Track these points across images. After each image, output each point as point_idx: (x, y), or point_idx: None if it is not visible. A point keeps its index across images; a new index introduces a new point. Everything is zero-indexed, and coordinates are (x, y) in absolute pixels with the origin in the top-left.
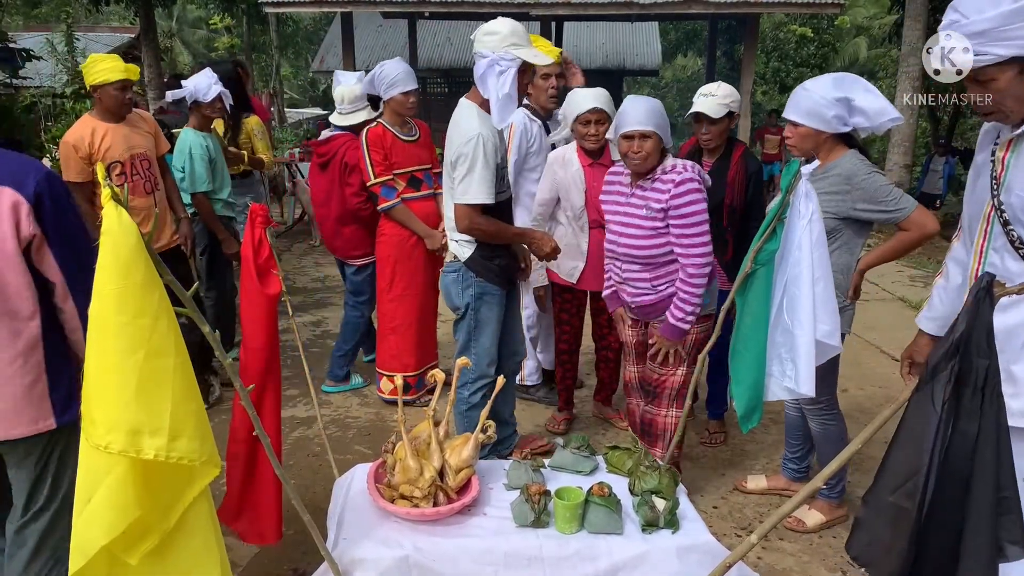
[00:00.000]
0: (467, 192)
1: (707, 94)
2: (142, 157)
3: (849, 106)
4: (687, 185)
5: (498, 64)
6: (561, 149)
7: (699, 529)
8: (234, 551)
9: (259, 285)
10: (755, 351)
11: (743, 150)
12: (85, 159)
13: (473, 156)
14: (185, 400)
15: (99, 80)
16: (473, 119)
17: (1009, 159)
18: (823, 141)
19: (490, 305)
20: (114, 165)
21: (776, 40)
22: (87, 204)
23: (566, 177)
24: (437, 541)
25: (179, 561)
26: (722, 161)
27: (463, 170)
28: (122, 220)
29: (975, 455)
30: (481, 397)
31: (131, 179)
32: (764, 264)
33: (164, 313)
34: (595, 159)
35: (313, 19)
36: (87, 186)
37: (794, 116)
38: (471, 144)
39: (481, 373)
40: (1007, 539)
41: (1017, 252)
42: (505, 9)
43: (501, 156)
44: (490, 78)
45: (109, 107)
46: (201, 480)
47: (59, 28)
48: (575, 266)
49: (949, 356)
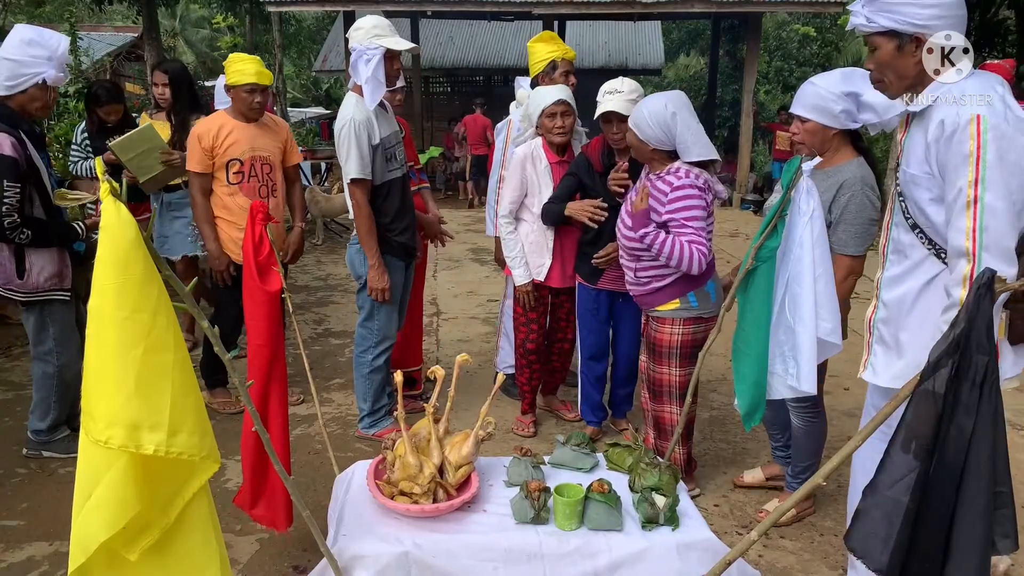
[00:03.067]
0: (348, 172)
1: (613, 91)
2: (263, 161)
3: (858, 101)
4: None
5: (364, 54)
6: (527, 146)
7: (699, 526)
8: (234, 548)
9: (260, 282)
10: (757, 349)
11: None
12: (207, 151)
13: (347, 138)
14: (184, 395)
15: (231, 81)
16: (348, 106)
17: (904, 140)
18: (830, 138)
19: (391, 274)
20: (233, 163)
21: (779, 39)
22: (200, 195)
23: (535, 174)
24: (437, 537)
25: (179, 557)
26: (636, 162)
27: (344, 152)
28: (121, 215)
29: (970, 449)
30: (384, 361)
31: (247, 180)
32: (765, 261)
33: (163, 308)
34: (561, 156)
35: (316, 19)
36: (206, 177)
37: (801, 111)
38: (345, 128)
39: (384, 336)
40: (999, 533)
41: (907, 222)
42: (506, 8)
43: (381, 137)
44: (360, 66)
45: (239, 108)
46: (201, 476)
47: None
48: (543, 263)
49: (950, 352)
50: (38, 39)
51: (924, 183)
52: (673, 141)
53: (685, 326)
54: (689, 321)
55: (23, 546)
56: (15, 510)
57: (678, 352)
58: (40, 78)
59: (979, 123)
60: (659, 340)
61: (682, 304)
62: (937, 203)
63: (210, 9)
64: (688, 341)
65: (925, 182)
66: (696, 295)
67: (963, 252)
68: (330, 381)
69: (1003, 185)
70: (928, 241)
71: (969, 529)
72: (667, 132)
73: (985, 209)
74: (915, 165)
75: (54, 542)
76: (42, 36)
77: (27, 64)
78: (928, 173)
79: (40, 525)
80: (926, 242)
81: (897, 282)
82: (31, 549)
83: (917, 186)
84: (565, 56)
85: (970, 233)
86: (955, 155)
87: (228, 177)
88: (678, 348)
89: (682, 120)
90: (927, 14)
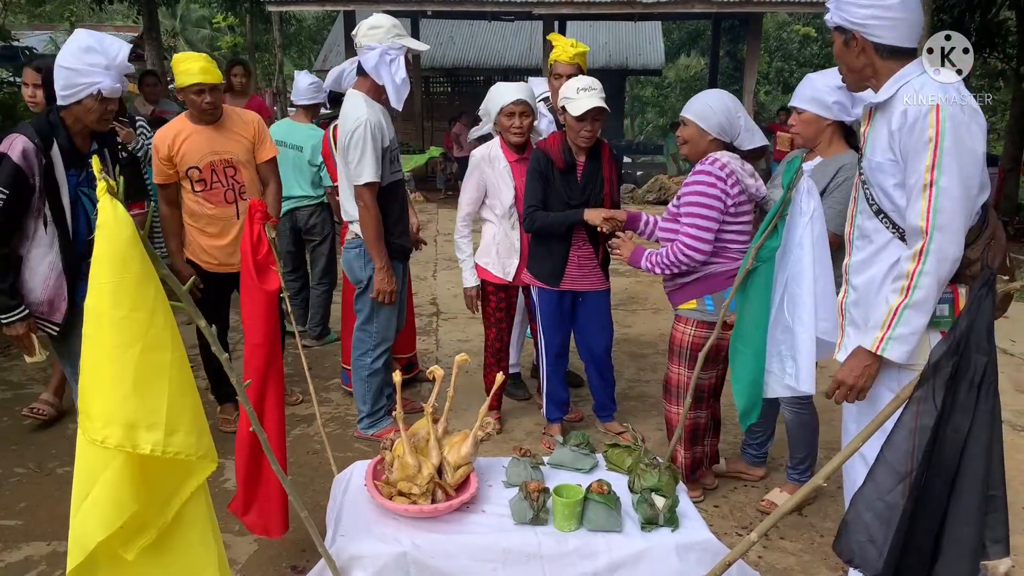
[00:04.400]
0: (361, 174)
1: (587, 88)
2: (226, 163)
3: (851, 95)
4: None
5: (388, 54)
6: (485, 147)
7: (699, 527)
8: (233, 548)
9: (258, 281)
10: (755, 348)
11: (608, 146)
12: (166, 161)
13: (363, 140)
14: (182, 395)
15: (178, 83)
16: (361, 107)
17: (868, 131)
18: (824, 128)
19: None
20: (192, 171)
21: (779, 40)
22: (165, 206)
23: (494, 175)
24: (435, 538)
25: (177, 556)
26: (593, 161)
27: (356, 154)
28: (118, 213)
29: (964, 450)
30: (383, 363)
31: (210, 186)
32: (765, 261)
33: (161, 307)
34: (520, 154)
35: (316, 18)
36: (169, 188)
37: (797, 102)
38: (360, 129)
39: (383, 338)
40: (991, 537)
41: (871, 208)
42: (507, 8)
43: (389, 140)
44: (382, 67)
45: (191, 111)
46: (198, 475)
47: (63, 27)
48: (511, 263)
49: (951, 353)
50: (96, 46)
51: (889, 169)
52: (739, 130)
53: (699, 328)
54: (703, 324)
55: (21, 546)
56: (13, 510)
57: (687, 353)
58: (95, 88)
59: (938, 112)
60: (673, 337)
61: (699, 306)
62: (901, 188)
63: (210, 9)
64: (699, 345)
65: (890, 168)
66: (714, 299)
67: (918, 231)
68: (329, 381)
69: (958, 170)
70: (892, 225)
71: (959, 530)
72: (732, 122)
73: (940, 192)
74: (879, 153)
75: (52, 542)
76: (101, 43)
77: (83, 73)
78: (892, 160)
79: (38, 525)
80: (890, 226)
81: (864, 266)
82: (29, 549)
83: (883, 173)
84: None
85: (924, 213)
86: (917, 142)
87: (192, 186)
88: (687, 349)
89: (741, 111)
90: (863, 13)
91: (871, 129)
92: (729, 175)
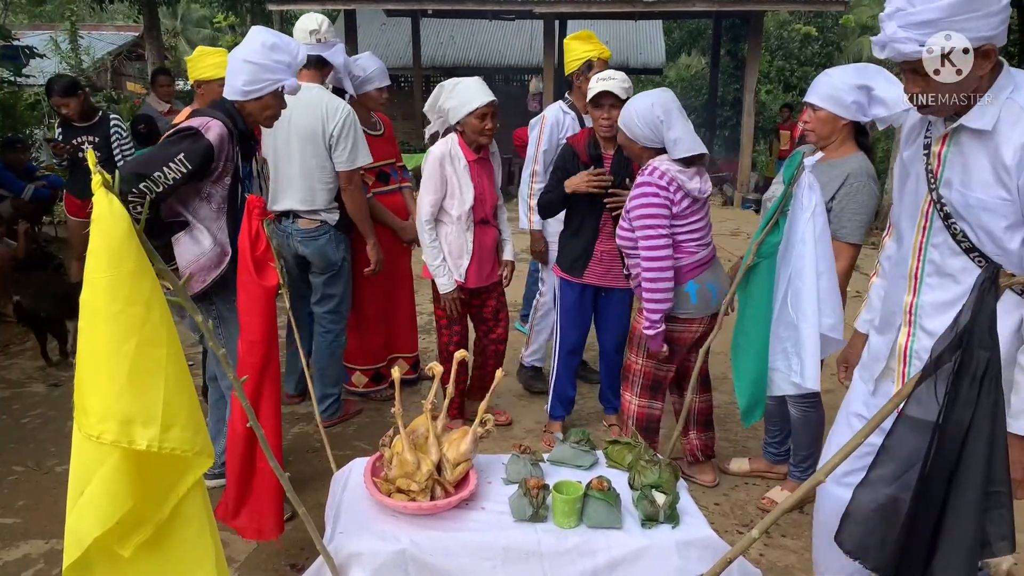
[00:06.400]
0: (356, 159)
1: (607, 78)
2: None
3: (869, 95)
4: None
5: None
6: (443, 143)
7: (699, 524)
8: (231, 546)
9: (256, 277)
10: (757, 345)
11: None
12: None
13: (356, 126)
14: (178, 390)
15: (205, 76)
16: (335, 98)
17: (945, 153)
18: (839, 128)
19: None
20: None
21: (780, 39)
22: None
23: (454, 174)
24: (434, 535)
25: (173, 552)
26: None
27: (350, 140)
28: (113, 207)
29: (965, 444)
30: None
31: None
32: (767, 257)
33: (156, 302)
34: (478, 154)
35: None
36: None
37: (814, 99)
38: (350, 118)
39: (347, 314)
40: (995, 534)
41: (959, 246)
42: (507, 7)
43: None
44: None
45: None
46: (195, 471)
47: (63, 26)
48: (462, 263)
49: (953, 348)
50: (281, 44)
51: (999, 209)
52: (661, 139)
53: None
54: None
55: (19, 544)
56: (11, 508)
57: (644, 343)
58: (279, 85)
59: None
60: (634, 327)
61: None
62: (1015, 230)
63: (211, 8)
64: (700, 337)
65: (1000, 208)
66: (676, 293)
67: None
68: None
69: None
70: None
71: (959, 524)
72: (655, 130)
73: None
74: (980, 189)
75: (50, 540)
76: (284, 41)
77: (270, 69)
78: (1005, 199)
79: (36, 523)
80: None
81: (947, 308)
82: (27, 547)
83: (987, 212)
84: (601, 56)
85: None
86: None
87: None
88: (645, 339)
89: (669, 118)
90: (997, 21)
91: (955, 155)
92: (670, 182)
